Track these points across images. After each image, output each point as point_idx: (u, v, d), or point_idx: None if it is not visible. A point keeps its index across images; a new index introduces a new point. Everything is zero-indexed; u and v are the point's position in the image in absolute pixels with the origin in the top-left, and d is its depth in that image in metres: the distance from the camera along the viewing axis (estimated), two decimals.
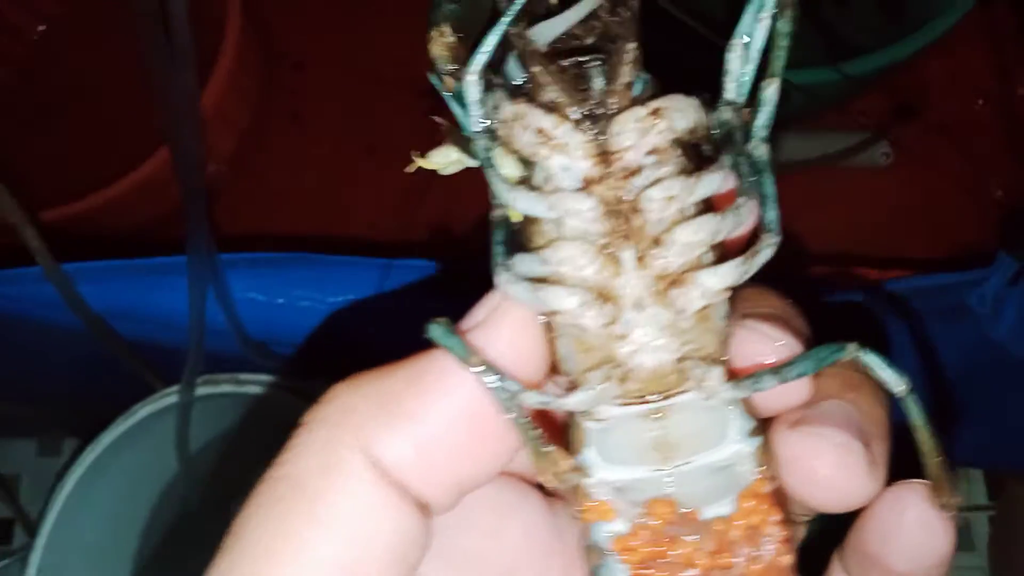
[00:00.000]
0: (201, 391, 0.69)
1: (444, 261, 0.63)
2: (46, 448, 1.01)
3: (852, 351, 0.25)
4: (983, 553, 0.94)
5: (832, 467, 0.26)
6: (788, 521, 0.27)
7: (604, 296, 0.25)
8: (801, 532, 0.32)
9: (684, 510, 0.26)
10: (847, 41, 0.79)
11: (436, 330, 0.25)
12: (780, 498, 0.27)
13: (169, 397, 0.69)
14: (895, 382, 0.25)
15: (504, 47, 0.26)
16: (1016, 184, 0.79)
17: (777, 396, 0.27)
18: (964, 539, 0.94)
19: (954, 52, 0.82)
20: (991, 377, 0.71)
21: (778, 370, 0.26)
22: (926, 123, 0.81)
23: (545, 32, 0.26)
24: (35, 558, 0.71)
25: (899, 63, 0.73)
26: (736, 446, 0.26)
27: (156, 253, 0.63)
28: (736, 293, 0.28)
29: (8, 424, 0.97)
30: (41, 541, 0.71)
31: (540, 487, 0.32)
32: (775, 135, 0.27)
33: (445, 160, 0.28)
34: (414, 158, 0.28)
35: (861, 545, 0.28)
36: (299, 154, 0.84)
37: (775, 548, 0.26)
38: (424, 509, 0.25)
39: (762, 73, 0.26)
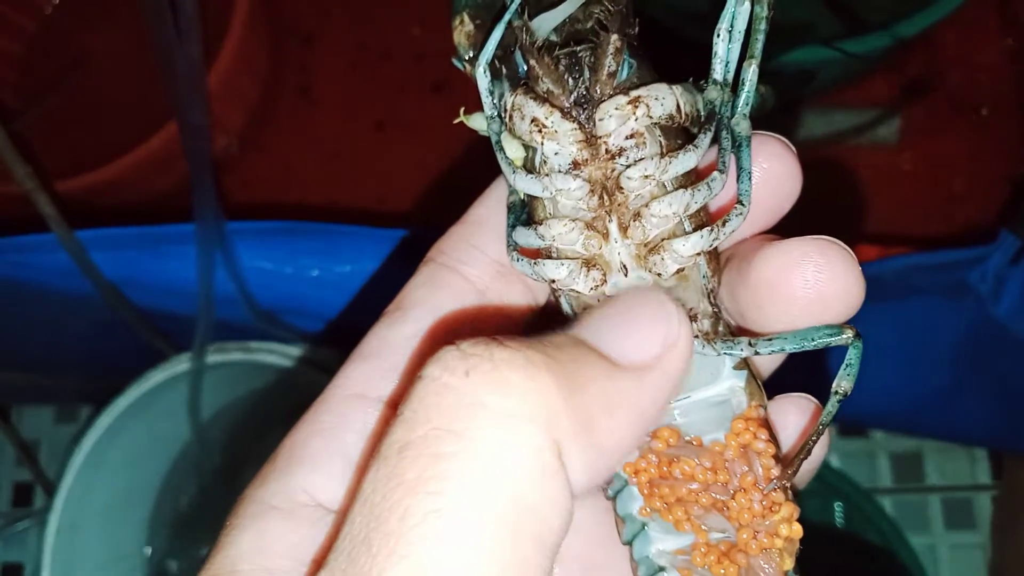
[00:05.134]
0: (212, 359, 0.70)
1: None
2: (63, 415, 1.03)
3: (847, 337, 0.27)
4: (985, 531, 0.94)
5: (820, 264, 0.27)
6: (776, 440, 0.30)
7: (593, 263, 0.29)
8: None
9: (688, 438, 0.29)
10: (858, 18, 0.79)
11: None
12: (768, 423, 0.30)
13: (181, 364, 0.71)
14: (846, 384, 0.27)
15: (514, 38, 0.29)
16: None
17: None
18: (967, 518, 0.95)
19: (966, 29, 0.81)
20: (994, 356, 0.71)
21: (755, 341, 0.28)
22: (936, 100, 0.81)
23: (544, 23, 0.29)
24: (53, 519, 0.73)
25: (910, 40, 0.72)
26: (729, 381, 0.30)
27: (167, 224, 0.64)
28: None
29: (27, 392, 0.99)
30: (59, 503, 0.73)
31: None
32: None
33: (481, 125, 0.31)
34: (461, 114, 0.31)
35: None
36: (308, 128, 0.85)
37: (765, 463, 0.29)
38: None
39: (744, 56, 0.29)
